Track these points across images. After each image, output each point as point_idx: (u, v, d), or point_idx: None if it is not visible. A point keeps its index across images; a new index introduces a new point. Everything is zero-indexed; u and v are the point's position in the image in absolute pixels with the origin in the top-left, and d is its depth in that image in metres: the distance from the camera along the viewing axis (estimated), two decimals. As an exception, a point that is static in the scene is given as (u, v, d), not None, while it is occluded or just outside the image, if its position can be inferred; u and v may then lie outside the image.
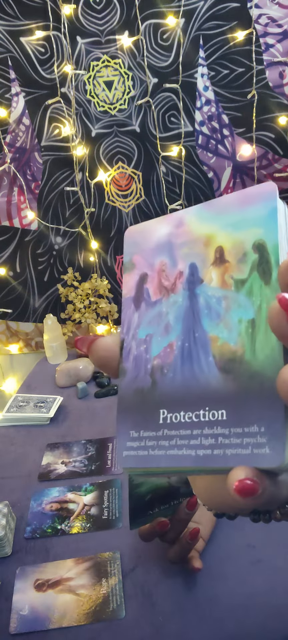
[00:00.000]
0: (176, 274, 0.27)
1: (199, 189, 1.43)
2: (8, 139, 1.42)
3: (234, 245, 0.25)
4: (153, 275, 0.28)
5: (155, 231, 0.28)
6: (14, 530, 0.82)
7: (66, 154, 1.43)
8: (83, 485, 0.92)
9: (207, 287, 0.25)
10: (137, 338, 0.27)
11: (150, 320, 0.27)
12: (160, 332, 0.26)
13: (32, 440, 1.10)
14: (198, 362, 0.25)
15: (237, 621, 0.64)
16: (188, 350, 0.25)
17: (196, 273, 0.26)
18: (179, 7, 1.27)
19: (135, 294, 0.28)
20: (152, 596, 0.68)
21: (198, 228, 0.26)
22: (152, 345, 0.27)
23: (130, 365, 0.27)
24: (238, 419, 0.23)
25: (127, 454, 0.26)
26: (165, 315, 0.27)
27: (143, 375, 0.26)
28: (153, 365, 0.26)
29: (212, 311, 0.25)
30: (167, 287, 0.27)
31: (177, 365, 0.25)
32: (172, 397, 0.25)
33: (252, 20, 1.26)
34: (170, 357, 0.26)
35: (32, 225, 1.50)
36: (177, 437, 0.25)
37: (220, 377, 0.24)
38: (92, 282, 1.45)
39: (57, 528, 0.82)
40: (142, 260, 0.28)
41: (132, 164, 1.43)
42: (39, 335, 1.62)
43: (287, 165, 1.36)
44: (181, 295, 0.26)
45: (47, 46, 1.33)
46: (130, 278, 0.28)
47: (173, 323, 0.26)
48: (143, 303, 0.28)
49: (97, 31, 1.32)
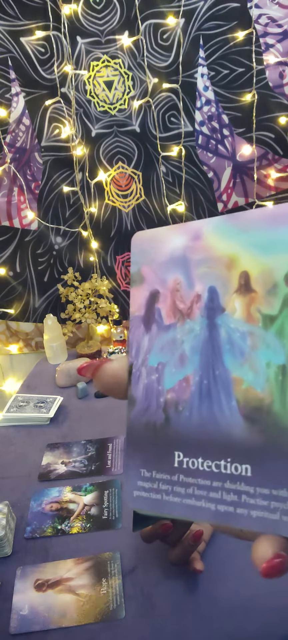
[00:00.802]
0: (193, 297, 0.24)
1: (199, 189, 1.43)
2: (8, 139, 1.42)
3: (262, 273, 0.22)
4: (166, 294, 0.24)
5: (168, 241, 0.25)
6: (14, 530, 0.82)
7: (66, 154, 1.42)
8: (83, 485, 0.92)
9: (229, 318, 0.23)
10: (147, 365, 0.25)
11: (162, 347, 0.24)
12: (175, 363, 0.24)
13: (32, 440, 1.10)
14: (219, 404, 0.22)
15: (236, 622, 0.64)
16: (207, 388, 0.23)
17: (216, 299, 0.23)
18: (179, 7, 1.27)
19: (145, 313, 0.25)
20: (151, 597, 0.68)
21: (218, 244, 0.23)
22: (165, 375, 0.24)
23: (140, 394, 0.25)
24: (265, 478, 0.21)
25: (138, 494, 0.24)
26: (180, 343, 0.24)
27: (155, 409, 0.24)
28: (167, 399, 0.24)
29: (236, 348, 0.22)
30: (182, 311, 0.24)
31: (194, 404, 0.23)
32: (188, 440, 0.23)
33: (252, 20, 1.26)
34: (186, 393, 0.23)
35: (32, 225, 1.50)
36: (194, 486, 0.23)
37: (244, 426, 0.21)
38: (92, 282, 1.45)
39: (57, 528, 0.82)
40: (152, 273, 0.25)
41: (132, 164, 1.43)
42: (39, 335, 1.62)
43: (287, 165, 1.36)
44: (199, 323, 0.23)
45: (47, 46, 1.33)
46: (139, 293, 0.25)
47: (190, 354, 0.23)
48: (154, 325, 0.25)
49: (97, 31, 1.32)
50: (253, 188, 1.40)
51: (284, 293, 0.21)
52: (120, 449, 1.03)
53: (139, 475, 0.24)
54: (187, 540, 0.65)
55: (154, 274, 0.25)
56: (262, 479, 0.21)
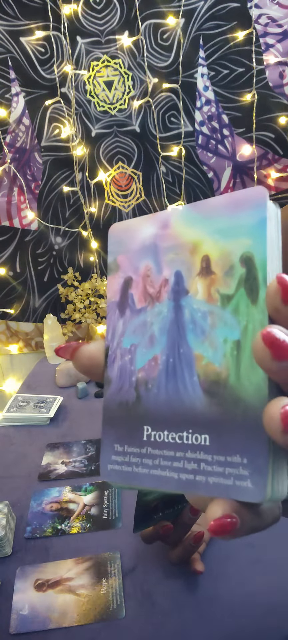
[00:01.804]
0: (161, 282, 0.25)
1: (199, 189, 1.43)
2: (8, 139, 1.42)
3: (221, 256, 0.23)
4: (138, 280, 0.26)
5: (140, 231, 0.27)
6: (14, 530, 0.82)
7: (66, 154, 1.42)
8: (83, 485, 0.92)
9: (192, 300, 0.24)
10: (121, 347, 0.26)
11: (134, 329, 0.26)
12: (145, 343, 0.25)
13: (32, 440, 1.10)
14: (183, 380, 0.24)
15: (236, 621, 0.64)
16: (172, 366, 0.24)
17: (181, 282, 0.25)
18: (179, 7, 1.27)
19: (119, 298, 0.27)
20: (151, 596, 0.68)
21: (184, 232, 0.25)
22: (136, 356, 0.26)
23: (114, 375, 0.26)
24: (221, 447, 0.22)
25: (111, 467, 0.26)
26: (149, 325, 0.25)
27: (127, 388, 0.26)
28: (138, 378, 0.25)
29: (197, 327, 0.24)
30: (152, 295, 0.26)
31: (162, 381, 0.25)
32: (156, 415, 0.25)
33: (252, 20, 1.26)
34: (154, 371, 0.25)
35: (32, 225, 1.50)
36: (160, 457, 0.24)
37: (204, 399, 0.23)
38: (92, 282, 1.45)
39: (57, 528, 0.82)
40: (126, 261, 0.27)
41: (132, 164, 1.43)
42: (39, 335, 1.62)
43: (287, 165, 1.36)
44: (166, 306, 0.25)
45: (47, 46, 1.33)
46: (115, 281, 0.27)
47: (158, 335, 0.25)
48: (128, 310, 0.26)
49: (97, 31, 1.32)
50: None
51: (240, 273, 0.23)
52: (120, 448, 1.03)
53: (112, 450, 0.26)
54: (187, 541, 0.65)
55: (128, 262, 0.27)
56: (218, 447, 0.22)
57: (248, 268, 0.22)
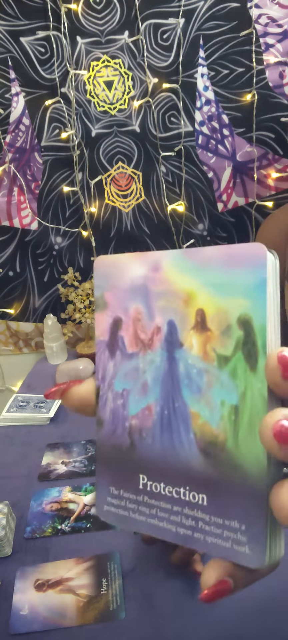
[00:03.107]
0: (153, 329, 0.25)
1: (199, 189, 1.43)
2: (8, 139, 1.42)
3: (217, 313, 0.22)
4: (129, 322, 0.25)
5: (129, 269, 0.25)
6: (14, 530, 0.82)
7: (66, 154, 1.42)
8: (83, 485, 0.92)
9: (187, 354, 0.23)
10: (113, 389, 0.26)
11: (126, 374, 0.26)
12: (138, 390, 0.25)
13: (32, 440, 1.10)
14: (179, 435, 0.24)
15: (236, 622, 0.64)
16: (168, 419, 0.24)
17: (175, 333, 0.24)
18: (179, 7, 1.27)
19: (109, 339, 0.26)
20: (152, 597, 0.68)
21: (177, 279, 0.24)
22: (129, 402, 0.25)
23: (107, 417, 0.26)
24: (219, 509, 0.22)
25: (107, 509, 0.26)
26: (142, 372, 0.25)
27: (121, 433, 0.26)
28: (132, 424, 0.25)
29: (193, 383, 0.23)
30: (143, 341, 0.25)
31: (156, 433, 0.24)
32: (151, 465, 0.25)
33: (252, 20, 1.26)
34: (148, 421, 0.25)
35: (32, 225, 1.50)
36: (157, 508, 0.24)
37: (200, 459, 0.23)
38: (92, 282, 1.45)
39: (57, 528, 0.82)
40: (115, 300, 0.26)
41: (132, 164, 1.43)
42: (39, 335, 1.62)
43: (287, 165, 1.36)
44: (159, 355, 0.24)
45: (47, 46, 1.33)
46: (103, 319, 0.26)
47: (151, 384, 0.25)
48: (118, 352, 0.26)
49: (97, 31, 1.32)
50: (253, 188, 1.40)
51: (237, 336, 0.22)
52: (120, 449, 1.03)
53: (108, 492, 0.26)
54: None
55: (117, 301, 0.26)
56: (216, 509, 0.22)
57: (246, 331, 0.22)
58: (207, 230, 1.47)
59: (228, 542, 0.22)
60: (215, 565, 0.22)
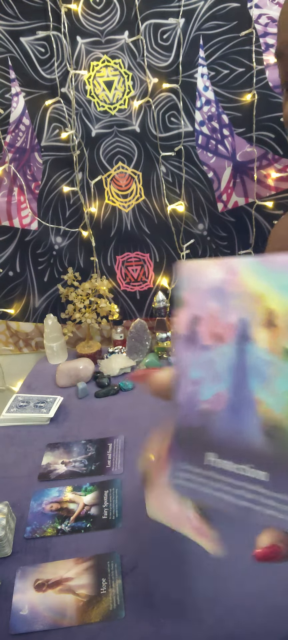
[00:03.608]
0: (227, 325, 0.28)
1: (199, 189, 1.43)
2: (8, 139, 1.42)
3: (285, 312, 0.25)
4: (205, 319, 0.29)
5: (209, 273, 0.29)
6: (14, 530, 0.82)
7: (66, 154, 1.43)
8: (83, 485, 0.92)
9: (256, 348, 0.26)
10: (188, 377, 0.29)
11: (201, 364, 0.29)
12: (211, 378, 0.28)
13: (32, 440, 1.10)
14: (245, 419, 0.27)
15: (236, 621, 0.64)
16: (236, 404, 0.27)
17: (246, 330, 0.27)
18: (179, 7, 1.27)
19: (187, 333, 0.29)
20: (151, 596, 0.68)
21: (251, 282, 0.27)
22: (202, 388, 0.29)
23: (182, 401, 0.30)
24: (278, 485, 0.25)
25: (178, 481, 0.30)
26: (215, 363, 0.28)
27: (193, 415, 0.29)
28: (203, 408, 0.29)
29: (260, 373, 0.26)
30: (217, 336, 0.28)
31: (225, 416, 0.28)
32: (219, 444, 0.28)
33: (252, 20, 1.26)
34: (219, 406, 0.28)
35: (32, 225, 1.50)
36: (222, 482, 0.28)
37: (264, 440, 0.26)
38: (92, 282, 1.45)
39: (57, 528, 0.82)
40: (194, 299, 0.29)
41: (132, 164, 1.43)
42: (39, 335, 1.62)
43: (287, 165, 1.36)
44: (231, 348, 0.27)
45: (47, 46, 1.33)
46: (183, 315, 0.30)
47: (223, 374, 0.28)
48: (194, 344, 0.29)
49: (97, 31, 1.32)
50: (253, 188, 1.40)
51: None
52: (120, 448, 1.03)
53: (179, 466, 0.30)
54: None
55: (196, 300, 0.29)
56: (275, 485, 0.25)
57: None
58: (207, 230, 1.47)
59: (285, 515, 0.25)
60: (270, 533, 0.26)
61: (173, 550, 0.75)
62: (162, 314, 1.45)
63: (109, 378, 1.35)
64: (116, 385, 1.30)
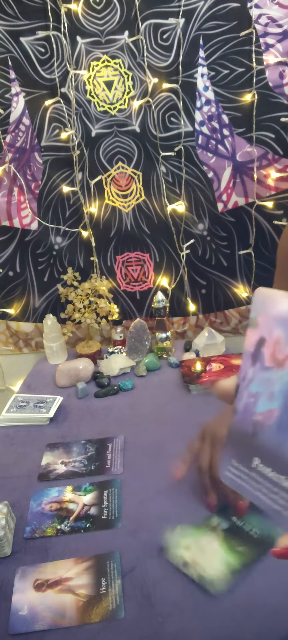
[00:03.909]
0: (287, 354, 0.31)
1: (199, 189, 1.43)
2: (8, 139, 1.42)
3: None
4: (270, 343, 0.32)
5: (279, 303, 0.32)
6: (14, 530, 0.82)
7: (66, 154, 1.43)
8: (83, 485, 0.92)
9: None
10: (248, 390, 0.34)
11: (260, 381, 0.33)
12: (267, 396, 0.32)
13: (32, 440, 1.10)
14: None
15: (236, 621, 0.64)
16: (284, 423, 0.31)
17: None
18: (179, 7, 1.27)
19: (253, 351, 0.33)
20: (151, 596, 0.68)
21: None
22: (258, 402, 0.33)
23: (240, 408, 0.34)
24: None
25: (227, 474, 0.35)
26: (272, 383, 0.32)
27: (248, 423, 0.33)
28: (257, 419, 0.33)
29: None
30: (278, 360, 0.32)
31: (274, 430, 0.32)
32: (265, 452, 0.32)
33: (252, 20, 1.26)
34: (270, 420, 0.32)
35: (32, 225, 1.50)
36: (262, 485, 0.32)
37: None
38: (91, 282, 1.45)
39: (57, 528, 0.82)
40: (264, 323, 0.33)
41: (132, 164, 1.43)
42: (39, 335, 1.62)
43: (287, 165, 1.36)
44: (287, 374, 0.31)
45: (47, 46, 1.33)
46: (253, 335, 0.34)
47: (277, 394, 0.32)
48: (258, 363, 0.33)
49: (97, 31, 1.32)
50: (253, 188, 1.40)
51: None
52: (120, 448, 1.03)
53: (230, 462, 0.35)
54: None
55: (265, 324, 0.33)
56: None
57: None
58: (207, 230, 1.47)
59: None
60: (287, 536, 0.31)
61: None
62: (162, 314, 1.45)
63: (108, 378, 1.35)
64: (116, 385, 1.30)
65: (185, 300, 1.55)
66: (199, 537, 0.74)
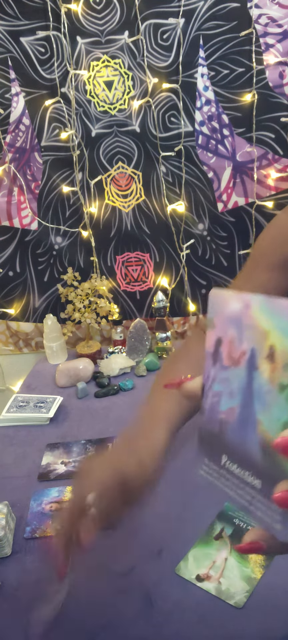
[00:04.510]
0: (241, 351, 0.32)
1: (199, 189, 1.43)
2: (8, 139, 1.42)
3: (283, 350, 0.29)
4: (226, 342, 0.33)
5: (231, 303, 0.33)
6: (14, 530, 0.82)
7: (66, 154, 1.42)
8: (83, 485, 0.92)
9: (260, 376, 0.31)
10: (212, 390, 0.35)
11: (221, 380, 0.34)
12: (227, 394, 0.33)
13: (32, 440, 1.10)
14: (249, 433, 0.31)
15: (236, 621, 0.64)
16: (243, 419, 0.32)
17: (254, 359, 0.31)
18: (179, 7, 1.27)
19: (213, 351, 0.34)
20: (151, 596, 0.68)
21: (260, 318, 0.31)
22: (221, 401, 0.34)
23: (207, 407, 0.35)
24: (267, 493, 0.30)
25: (202, 472, 0.36)
26: (231, 382, 0.33)
27: (215, 422, 0.34)
28: (221, 418, 0.34)
29: (261, 399, 0.31)
30: (233, 359, 0.33)
31: (235, 428, 0.33)
32: (231, 449, 0.33)
33: (252, 20, 1.26)
34: (231, 418, 0.33)
35: (32, 225, 1.50)
36: (231, 481, 0.34)
37: (260, 455, 0.31)
38: (91, 282, 1.45)
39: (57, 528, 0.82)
40: (220, 324, 0.34)
41: (132, 164, 1.43)
42: (39, 335, 1.62)
43: (287, 165, 1.36)
44: (243, 372, 0.32)
45: (47, 46, 1.33)
46: (211, 335, 0.35)
47: (236, 392, 0.32)
48: (218, 362, 0.34)
49: (97, 31, 1.32)
50: (253, 188, 1.40)
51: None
52: (120, 449, 1.03)
53: (203, 461, 0.36)
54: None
55: (221, 325, 0.34)
56: (265, 493, 0.30)
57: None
58: (207, 230, 1.47)
59: (269, 518, 0.30)
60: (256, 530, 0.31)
61: (173, 550, 0.75)
62: (162, 314, 1.45)
63: (108, 378, 1.35)
64: (116, 385, 1.30)
65: (185, 300, 1.55)
66: (209, 550, 0.73)
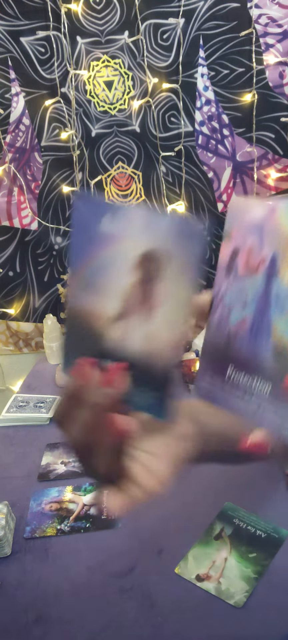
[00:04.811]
0: (261, 258, 0.31)
1: (199, 189, 1.43)
2: (8, 139, 1.41)
3: None
4: (244, 252, 0.32)
5: (253, 210, 0.32)
6: (14, 530, 0.82)
7: (66, 154, 1.42)
8: (82, 485, 0.92)
9: (280, 281, 0.30)
10: (222, 303, 0.34)
11: (234, 293, 0.33)
12: (240, 306, 0.32)
13: (32, 440, 1.10)
14: (262, 341, 0.31)
15: (236, 620, 0.64)
16: (256, 328, 0.31)
17: (275, 264, 0.30)
18: (179, 7, 1.27)
19: (227, 264, 0.33)
20: (151, 596, 0.68)
21: (286, 223, 0.30)
22: (232, 314, 0.33)
23: (214, 321, 0.34)
24: (278, 397, 0.30)
25: (204, 386, 0.35)
26: (245, 292, 0.32)
27: (222, 335, 0.34)
28: (230, 330, 0.33)
29: (279, 304, 0.30)
30: (251, 267, 0.32)
31: (246, 337, 0.32)
32: (238, 358, 0.33)
33: (252, 20, 1.26)
34: (243, 329, 0.32)
35: (32, 225, 1.50)
36: (237, 391, 0.33)
37: (273, 359, 0.31)
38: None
39: (57, 528, 0.82)
40: (238, 234, 0.33)
41: (132, 164, 1.43)
42: (39, 335, 1.62)
43: (287, 165, 1.36)
44: (260, 280, 0.31)
45: (47, 46, 1.33)
46: (226, 247, 0.33)
47: (250, 301, 0.32)
48: (232, 275, 0.33)
49: (97, 31, 1.32)
50: (253, 188, 1.40)
51: None
52: (120, 449, 1.03)
53: (205, 375, 0.35)
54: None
55: (239, 235, 0.33)
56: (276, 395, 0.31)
57: None
58: (207, 230, 1.47)
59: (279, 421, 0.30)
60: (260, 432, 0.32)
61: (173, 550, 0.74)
62: (162, 314, 1.45)
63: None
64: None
65: (185, 300, 1.55)
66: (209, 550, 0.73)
